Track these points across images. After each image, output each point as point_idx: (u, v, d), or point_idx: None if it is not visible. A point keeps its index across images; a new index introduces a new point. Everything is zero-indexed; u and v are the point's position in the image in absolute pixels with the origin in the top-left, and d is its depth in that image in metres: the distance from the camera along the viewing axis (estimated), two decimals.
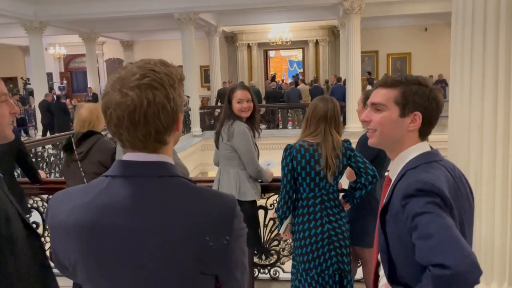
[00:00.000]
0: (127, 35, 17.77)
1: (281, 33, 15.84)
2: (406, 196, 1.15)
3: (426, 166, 1.22)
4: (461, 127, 2.33)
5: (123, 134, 0.90)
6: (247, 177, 2.78)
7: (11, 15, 11.12)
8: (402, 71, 16.91)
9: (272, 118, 12.66)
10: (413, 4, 12.46)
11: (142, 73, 0.89)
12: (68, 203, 0.92)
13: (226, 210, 0.91)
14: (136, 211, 0.88)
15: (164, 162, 0.93)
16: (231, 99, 2.78)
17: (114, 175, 0.92)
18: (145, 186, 0.90)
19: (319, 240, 2.41)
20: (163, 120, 0.89)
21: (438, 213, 1.09)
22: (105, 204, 0.89)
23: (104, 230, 0.88)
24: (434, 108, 1.27)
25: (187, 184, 0.93)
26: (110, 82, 0.91)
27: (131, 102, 0.87)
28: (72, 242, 0.90)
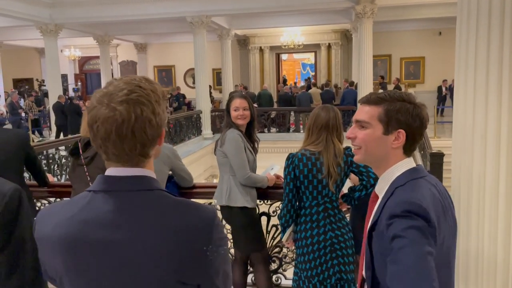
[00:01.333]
0: (140, 38, 17.96)
1: (293, 37, 15.84)
2: (392, 215, 1.15)
3: (413, 183, 1.22)
4: (464, 134, 2.31)
5: (109, 148, 0.92)
6: (238, 183, 2.82)
7: (27, 18, 11.34)
8: (415, 75, 16.77)
9: (283, 121, 12.65)
10: (427, 8, 12.36)
11: (129, 88, 0.92)
12: (53, 217, 0.95)
13: (204, 221, 0.93)
14: (115, 225, 0.91)
15: (144, 176, 0.96)
16: (229, 107, 2.89)
17: (96, 190, 0.95)
18: (124, 200, 0.92)
19: (321, 247, 2.41)
20: (149, 134, 0.93)
21: (415, 239, 1.09)
22: (87, 218, 0.92)
23: (86, 244, 0.90)
24: (418, 125, 1.27)
25: (166, 197, 0.95)
26: (97, 96, 0.94)
27: (120, 116, 0.89)
28: (57, 256, 0.93)
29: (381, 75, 15.10)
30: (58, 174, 6.58)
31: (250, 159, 2.86)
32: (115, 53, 18.89)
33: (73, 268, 0.92)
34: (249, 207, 2.84)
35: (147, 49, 18.92)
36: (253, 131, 2.99)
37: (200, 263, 0.92)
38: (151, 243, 0.89)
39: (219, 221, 0.97)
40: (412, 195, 1.16)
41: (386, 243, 1.14)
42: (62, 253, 0.92)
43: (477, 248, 2.25)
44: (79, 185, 2.96)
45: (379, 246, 1.19)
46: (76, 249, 0.91)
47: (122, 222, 0.91)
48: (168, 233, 0.90)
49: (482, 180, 2.23)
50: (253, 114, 2.93)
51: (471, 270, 2.27)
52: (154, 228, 0.90)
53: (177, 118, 11.16)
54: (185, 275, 0.91)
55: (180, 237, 0.90)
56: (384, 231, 1.16)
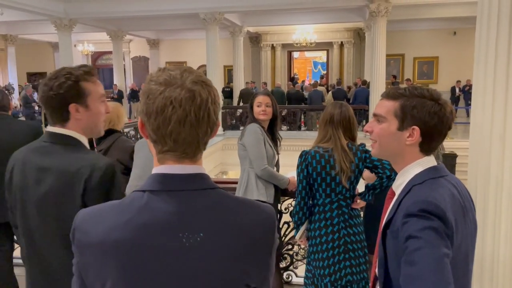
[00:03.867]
0: (153, 34, 18.04)
1: (306, 35, 15.77)
2: (408, 214, 1.12)
3: (432, 182, 1.20)
4: (482, 135, 2.27)
5: (181, 133, 0.84)
6: (255, 177, 2.83)
7: (42, 12, 11.46)
8: (428, 75, 16.61)
9: (293, 119, 12.62)
10: (441, 7, 12.22)
11: (196, 74, 0.87)
12: (103, 221, 0.86)
13: (269, 222, 0.92)
14: (181, 227, 0.84)
15: (203, 173, 0.90)
16: (253, 103, 2.93)
17: (153, 189, 0.86)
18: (187, 201, 0.86)
19: (335, 246, 2.39)
20: (217, 118, 0.88)
21: (432, 241, 1.06)
22: (148, 221, 0.83)
23: (147, 249, 0.83)
24: (435, 123, 1.22)
25: (228, 196, 0.90)
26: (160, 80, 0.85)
27: (199, 97, 0.84)
28: (110, 263, 0.83)
29: (393, 74, 14.99)
30: None
31: (269, 153, 2.87)
32: (127, 48, 19.00)
33: (132, 276, 0.83)
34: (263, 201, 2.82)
35: (159, 45, 19.00)
36: (275, 129, 3.01)
37: (265, 263, 0.89)
38: (220, 245, 0.84)
39: (276, 221, 0.95)
40: (430, 194, 1.13)
41: (400, 242, 1.12)
42: (118, 259, 0.83)
43: (492, 250, 2.22)
44: None
45: (393, 245, 1.17)
46: (136, 254, 0.82)
47: (189, 225, 0.84)
48: (237, 233, 0.86)
49: (499, 181, 2.20)
50: (276, 112, 2.96)
51: (486, 272, 2.24)
52: (222, 229, 0.85)
53: None
54: (251, 276, 0.87)
55: (248, 237, 0.87)
56: (399, 229, 1.14)
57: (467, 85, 14.58)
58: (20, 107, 14.01)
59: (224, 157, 12.09)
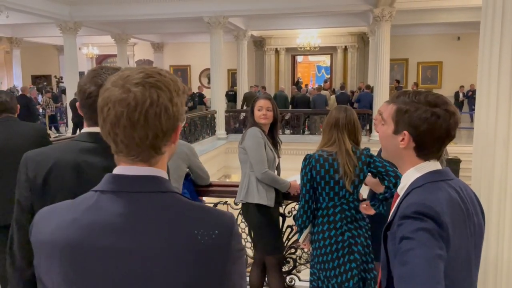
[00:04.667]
0: (157, 37, 18.11)
1: (310, 39, 15.80)
2: (403, 216, 1.14)
3: (431, 186, 1.20)
4: (486, 140, 2.27)
5: (118, 135, 0.83)
6: (256, 180, 2.84)
7: (47, 15, 11.52)
8: (432, 80, 16.59)
9: (297, 123, 12.62)
10: (446, 12, 12.22)
11: (147, 72, 0.84)
12: (53, 220, 0.85)
13: (223, 230, 0.83)
14: (125, 230, 0.81)
15: (158, 176, 0.86)
16: (254, 107, 2.94)
17: (104, 190, 0.85)
18: (136, 203, 0.83)
19: (339, 248, 2.40)
20: (164, 123, 0.83)
21: (424, 241, 1.07)
22: (93, 222, 0.82)
23: (90, 250, 0.80)
24: (424, 129, 1.20)
25: (181, 201, 0.86)
26: (112, 79, 0.85)
27: (133, 99, 0.81)
28: (56, 262, 0.82)
29: (396, 79, 14.98)
30: None
31: (269, 157, 2.88)
32: (132, 52, 19.08)
33: (73, 277, 0.81)
34: (264, 204, 2.83)
35: (163, 49, 19.07)
36: (275, 132, 3.03)
37: (216, 276, 0.82)
38: (164, 252, 0.80)
39: (238, 230, 0.88)
40: (426, 197, 1.15)
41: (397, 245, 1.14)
42: (62, 259, 0.81)
43: (496, 254, 2.21)
44: None
45: (392, 247, 1.18)
46: (79, 255, 0.81)
47: (133, 227, 0.81)
48: (182, 241, 0.80)
49: (503, 186, 2.19)
50: (276, 116, 2.98)
51: (490, 276, 2.23)
52: (168, 237, 0.80)
53: (192, 118, 11.22)
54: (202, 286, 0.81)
55: (196, 246, 0.80)
56: (396, 232, 1.16)
57: (470, 90, 14.55)
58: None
59: (227, 160, 12.09)
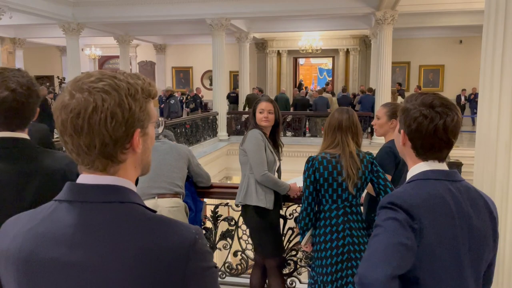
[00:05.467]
0: (160, 39, 18.14)
1: (312, 41, 15.81)
2: (380, 207, 1.22)
3: (419, 182, 1.25)
4: (488, 144, 2.27)
5: (68, 143, 0.80)
6: (255, 182, 2.84)
7: (50, 16, 11.55)
8: (434, 83, 16.58)
9: (299, 125, 12.62)
10: (448, 16, 12.22)
11: (99, 77, 0.80)
12: (13, 229, 0.83)
13: (182, 246, 0.77)
14: (76, 242, 0.77)
15: (117, 186, 0.82)
16: (255, 109, 2.94)
17: (61, 199, 0.82)
18: (88, 214, 0.79)
19: (339, 253, 2.39)
20: (111, 130, 0.78)
21: (390, 229, 1.14)
22: (46, 232, 0.79)
23: (39, 262, 0.77)
24: (413, 129, 1.25)
25: (139, 213, 0.81)
26: (68, 84, 0.82)
27: (76, 105, 0.77)
28: (10, 273, 0.80)
29: (398, 82, 14.96)
30: None
31: (270, 159, 2.87)
32: (134, 53, 19.10)
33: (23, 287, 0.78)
34: (262, 206, 2.82)
35: (166, 50, 19.10)
36: (277, 135, 3.02)
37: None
38: (114, 267, 0.75)
39: (202, 246, 0.80)
40: (405, 191, 1.22)
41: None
42: (15, 270, 0.79)
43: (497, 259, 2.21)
44: None
45: None
46: (29, 266, 0.78)
47: (83, 239, 0.77)
48: (135, 256, 0.75)
49: (505, 189, 2.19)
50: (278, 118, 2.96)
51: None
52: (119, 249, 0.76)
53: (193, 119, 11.23)
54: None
55: (150, 262, 0.75)
56: None
57: (472, 94, 14.54)
58: None
59: (228, 162, 12.09)
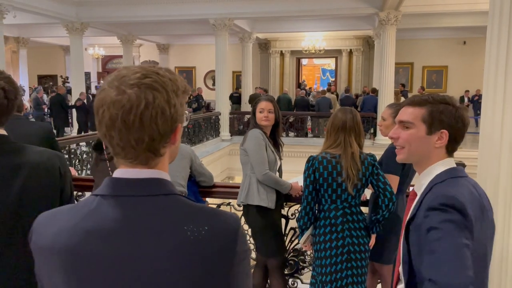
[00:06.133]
0: (163, 39, 18.17)
1: (315, 42, 15.81)
2: (430, 208, 1.19)
3: (452, 181, 1.27)
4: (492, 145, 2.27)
5: (114, 138, 0.80)
6: (257, 182, 2.84)
7: (54, 15, 11.59)
8: (437, 84, 16.54)
9: (301, 126, 12.61)
10: (452, 17, 12.19)
11: (144, 72, 0.81)
12: (54, 225, 0.83)
13: (228, 232, 0.82)
14: (126, 235, 0.79)
15: (158, 178, 0.84)
16: (255, 109, 2.93)
17: (103, 194, 0.83)
18: (137, 207, 0.80)
19: (339, 253, 2.39)
20: (160, 126, 0.80)
21: (451, 231, 1.13)
22: (93, 227, 0.80)
23: (90, 256, 0.78)
24: (460, 127, 1.33)
25: (183, 203, 0.83)
26: (108, 79, 0.82)
27: (128, 101, 0.78)
28: (56, 269, 0.80)
29: (402, 83, 14.93)
30: (79, 169, 6.68)
31: (270, 158, 2.87)
32: (137, 53, 19.14)
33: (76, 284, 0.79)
34: (264, 206, 2.82)
35: (169, 50, 19.12)
36: (277, 135, 3.01)
37: (221, 280, 0.80)
38: (166, 257, 0.77)
39: (244, 231, 0.86)
40: (450, 190, 1.21)
41: (423, 236, 1.19)
42: (62, 266, 0.79)
43: (501, 259, 2.20)
44: (101, 180, 2.99)
45: (416, 239, 1.23)
46: (79, 261, 0.78)
47: (134, 232, 0.79)
48: (186, 245, 0.78)
49: (509, 191, 2.19)
50: (278, 118, 2.96)
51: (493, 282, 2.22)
52: (171, 241, 0.78)
53: (196, 119, 11.24)
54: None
55: (200, 250, 0.78)
56: (422, 224, 1.20)
57: (476, 95, 14.49)
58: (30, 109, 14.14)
59: (231, 162, 12.10)
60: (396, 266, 1.39)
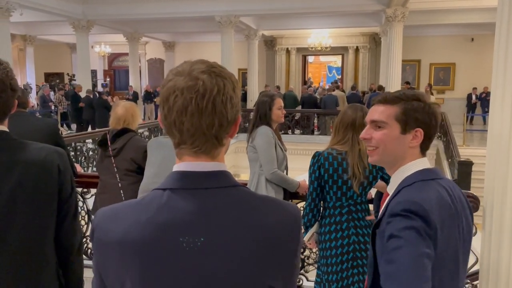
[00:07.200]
0: (169, 36, 18.20)
1: (321, 39, 15.73)
2: (392, 214, 1.14)
3: (421, 184, 1.21)
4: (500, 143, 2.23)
5: (184, 123, 0.82)
6: (265, 180, 2.83)
7: (60, 13, 11.66)
8: (445, 81, 16.43)
9: (307, 123, 12.58)
10: (459, 13, 12.10)
11: (209, 64, 0.86)
12: (122, 220, 0.84)
13: (293, 221, 0.88)
14: (202, 227, 0.82)
15: (224, 171, 0.87)
16: (271, 106, 2.92)
17: (173, 187, 0.84)
18: (210, 199, 0.83)
19: (344, 252, 2.36)
20: (229, 112, 0.84)
21: (411, 240, 1.08)
22: (169, 220, 0.82)
23: (168, 249, 0.81)
24: (434, 124, 1.28)
25: (250, 195, 0.88)
26: (173, 72, 0.86)
27: (202, 86, 0.81)
28: (130, 263, 0.81)
29: (406, 81, 14.79)
30: (85, 166, 6.71)
31: (279, 156, 2.87)
32: (143, 50, 19.19)
33: (152, 276, 0.81)
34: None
35: (175, 48, 19.15)
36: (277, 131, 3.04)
37: (288, 262, 0.87)
38: (242, 247, 0.81)
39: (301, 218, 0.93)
40: (415, 195, 1.16)
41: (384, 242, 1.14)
42: (138, 259, 0.81)
43: (509, 258, 2.17)
44: (106, 176, 3.01)
45: (380, 244, 1.18)
46: (157, 254, 0.81)
47: (209, 224, 0.82)
48: (261, 233, 0.83)
49: None
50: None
51: (502, 281, 2.19)
52: (245, 231, 0.82)
53: None
54: (274, 277, 0.84)
55: (272, 236, 0.84)
56: (384, 230, 1.16)
57: (484, 92, 14.37)
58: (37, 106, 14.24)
59: (236, 160, 12.10)
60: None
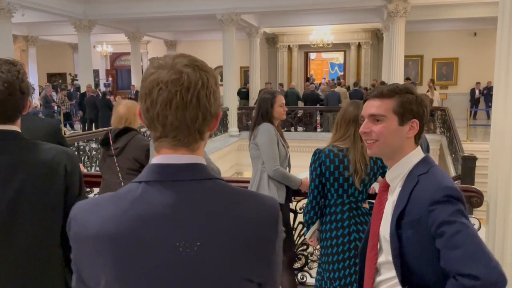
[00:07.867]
0: (170, 35, 18.20)
1: (323, 35, 15.70)
2: (434, 202, 1.19)
3: (435, 170, 1.29)
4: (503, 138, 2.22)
5: (168, 117, 0.81)
6: (268, 177, 2.83)
7: (62, 13, 11.67)
8: (448, 76, 16.35)
9: (310, 120, 12.56)
10: (461, 8, 12.02)
11: (191, 58, 0.86)
12: (98, 214, 0.83)
13: (270, 213, 0.87)
14: (178, 219, 0.81)
15: (200, 164, 0.86)
16: (273, 103, 2.92)
17: (149, 180, 0.83)
18: (185, 191, 0.82)
19: (346, 250, 2.35)
20: (212, 106, 0.84)
21: (464, 222, 1.15)
22: (143, 213, 0.80)
23: (143, 242, 0.80)
24: (426, 114, 1.36)
25: (227, 187, 0.86)
26: (154, 65, 0.84)
27: (187, 79, 0.81)
28: (105, 257, 0.80)
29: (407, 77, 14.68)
30: (88, 166, 6.73)
31: (282, 153, 2.87)
32: (145, 49, 19.20)
33: (127, 270, 0.80)
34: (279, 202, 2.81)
35: (176, 46, 19.15)
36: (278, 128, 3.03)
37: (267, 257, 0.86)
38: (218, 239, 0.81)
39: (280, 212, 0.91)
40: (445, 181, 1.24)
41: (426, 230, 1.19)
42: (113, 253, 0.80)
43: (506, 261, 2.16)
44: (109, 175, 3.02)
45: (413, 235, 1.23)
46: (132, 248, 0.79)
47: (185, 216, 0.81)
48: (237, 226, 0.82)
49: None
50: None
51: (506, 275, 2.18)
52: (221, 223, 0.82)
53: None
54: (252, 271, 0.84)
55: (249, 230, 0.83)
56: (421, 219, 1.21)
57: (487, 87, 14.30)
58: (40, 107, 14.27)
59: (239, 157, 12.11)
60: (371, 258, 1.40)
